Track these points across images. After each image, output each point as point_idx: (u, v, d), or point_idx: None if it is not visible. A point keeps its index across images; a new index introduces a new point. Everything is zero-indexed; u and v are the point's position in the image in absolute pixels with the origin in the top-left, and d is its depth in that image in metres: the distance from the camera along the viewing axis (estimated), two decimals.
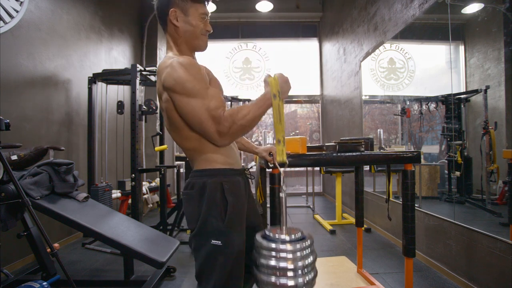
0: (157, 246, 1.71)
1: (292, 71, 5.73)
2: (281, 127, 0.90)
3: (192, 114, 0.86)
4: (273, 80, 0.91)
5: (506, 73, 1.74)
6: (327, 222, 3.43)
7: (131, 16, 4.48)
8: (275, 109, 0.89)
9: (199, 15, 0.97)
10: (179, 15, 0.95)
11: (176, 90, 0.87)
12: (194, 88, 0.86)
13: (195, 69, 0.89)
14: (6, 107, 2.19)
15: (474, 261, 1.80)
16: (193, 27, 0.97)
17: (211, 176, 0.93)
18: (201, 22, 0.98)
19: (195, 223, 0.92)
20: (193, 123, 0.88)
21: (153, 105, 3.20)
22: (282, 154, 0.91)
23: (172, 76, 0.86)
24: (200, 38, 1.00)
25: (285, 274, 0.80)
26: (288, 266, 0.80)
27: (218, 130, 0.86)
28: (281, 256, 0.81)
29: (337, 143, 1.60)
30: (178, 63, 0.87)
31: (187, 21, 0.96)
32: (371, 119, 3.68)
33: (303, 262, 0.82)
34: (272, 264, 0.81)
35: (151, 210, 4.21)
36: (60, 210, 1.65)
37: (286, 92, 0.93)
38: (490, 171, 1.92)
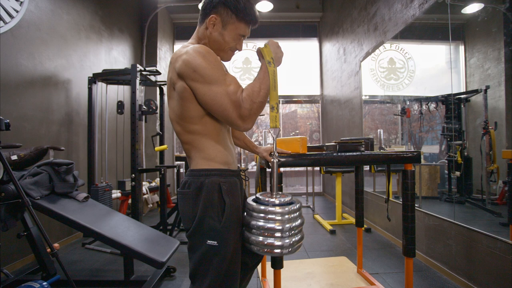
0: (157, 246, 1.71)
1: (292, 71, 5.73)
2: (275, 94, 0.91)
3: (214, 101, 0.86)
4: (265, 49, 0.93)
5: (506, 73, 1.74)
6: (327, 222, 3.43)
7: (131, 16, 4.48)
8: (270, 75, 0.91)
9: (237, 35, 0.97)
10: (217, 24, 0.95)
11: (196, 78, 0.86)
12: (213, 75, 0.86)
13: (213, 56, 0.89)
14: (6, 107, 2.19)
15: (474, 261, 1.80)
16: (225, 42, 0.97)
17: (208, 176, 0.92)
18: (234, 41, 0.98)
19: (191, 222, 0.92)
20: (216, 110, 0.88)
21: (153, 105, 3.20)
22: (276, 120, 0.94)
23: (190, 64, 0.85)
24: (226, 52, 1.00)
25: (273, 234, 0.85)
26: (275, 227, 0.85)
27: (241, 114, 0.86)
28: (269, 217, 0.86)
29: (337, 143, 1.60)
30: (196, 50, 0.86)
31: (221, 34, 0.96)
32: (371, 119, 3.68)
33: (290, 225, 0.87)
34: (261, 225, 0.86)
35: (151, 210, 4.21)
36: (60, 210, 1.65)
37: (280, 58, 0.96)
38: (490, 171, 1.92)
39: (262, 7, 5.26)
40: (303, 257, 2.47)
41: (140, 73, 2.65)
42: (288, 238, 0.86)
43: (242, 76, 5.68)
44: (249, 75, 5.70)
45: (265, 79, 0.90)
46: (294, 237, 0.87)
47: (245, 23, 0.97)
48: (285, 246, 0.85)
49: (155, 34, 4.87)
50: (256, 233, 0.87)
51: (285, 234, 0.85)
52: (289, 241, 0.86)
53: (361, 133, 3.58)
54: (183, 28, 5.76)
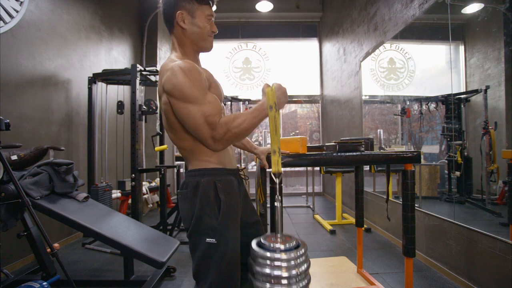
0: (157, 246, 1.71)
1: (292, 71, 5.74)
2: (277, 138, 0.90)
3: (188, 119, 0.88)
4: (270, 91, 0.90)
5: (506, 73, 1.74)
6: (327, 222, 3.43)
7: (131, 16, 4.48)
8: (271, 120, 0.90)
9: (205, 16, 0.99)
10: (186, 17, 0.96)
11: (174, 95, 0.88)
12: (192, 94, 0.87)
13: (195, 75, 0.89)
14: (6, 107, 2.19)
15: (474, 261, 1.80)
16: (200, 29, 0.98)
17: (204, 175, 0.94)
18: (207, 24, 0.99)
19: (190, 221, 0.93)
20: (189, 127, 0.90)
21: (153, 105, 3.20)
22: (278, 164, 0.92)
23: (171, 81, 0.87)
24: (207, 39, 1.01)
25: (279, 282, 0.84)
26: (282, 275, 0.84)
27: (213, 135, 0.88)
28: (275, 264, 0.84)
29: (337, 143, 1.60)
30: (179, 67, 0.88)
31: (194, 23, 0.97)
32: (371, 119, 3.68)
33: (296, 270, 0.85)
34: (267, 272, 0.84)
35: (151, 210, 4.21)
36: (60, 210, 1.65)
37: (283, 103, 0.94)
38: (490, 171, 1.92)
39: (262, 7, 5.27)
40: None
41: (140, 73, 2.65)
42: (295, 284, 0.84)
43: (242, 76, 5.68)
44: (249, 75, 5.70)
45: (254, 117, 0.89)
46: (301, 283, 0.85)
47: (206, 3, 0.99)
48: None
49: (155, 34, 4.87)
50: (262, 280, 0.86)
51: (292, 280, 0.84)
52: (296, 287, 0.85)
53: (361, 133, 3.58)
54: None
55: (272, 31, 5.76)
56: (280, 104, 0.92)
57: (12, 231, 1.66)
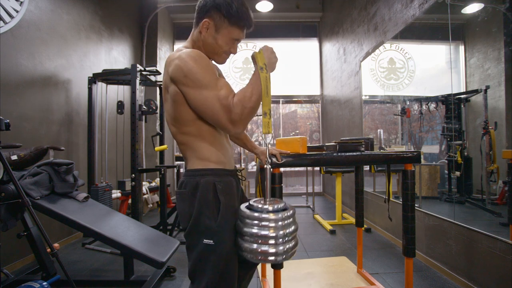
0: (157, 246, 1.71)
1: (292, 71, 5.74)
2: (268, 100, 0.90)
3: (204, 105, 0.87)
4: (258, 54, 0.92)
5: (506, 73, 1.74)
6: (327, 222, 3.43)
7: (131, 16, 4.48)
8: (262, 81, 0.90)
9: (230, 38, 0.97)
10: (210, 28, 0.95)
11: (187, 83, 0.87)
12: (204, 80, 0.86)
13: (205, 61, 0.89)
14: (6, 107, 2.19)
15: (474, 261, 1.80)
16: (218, 47, 0.97)
17: (203, 176, 0.94)
18: (227, 45, 0.98)
19: (188, 222, 0.93)
20: (206, 114, 0.89)
21: (153, 105, 3.20)
22: (268, 126, 0.93)
23: (181, 69, 0.86)
24: (220, 55, 1.01)
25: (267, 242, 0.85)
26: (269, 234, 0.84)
27: (231, 119, 0.86)
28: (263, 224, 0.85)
29: (337, 143, 1.60)
30: (188, 55, 0.87)
31: (214, 38, 0.96)
32: (371, 119, 3.68)
33: (283, 231, 0.86)
34: (254, 232, 0.85)
35: (151, 210, 4.21)
36: (60, 210, 1.65)
37: (274, 63, 0.95)
38: (490, 171, 1.92)
39: (262, 7, 5.27)
40: (303, 257, 2.47)
41: (140, 73, 2.65)
42: (282, 245, 0.85)
43: (242, 76, 5.68)
44: (249, 75, 5.70)
45: (257, 84, 0.89)
46: (288, 244, 0.86)
47: (238, 27, 0.97)
48: (279, 253, 0.84)
49: (155, 34, 4.87)
50: (250, 241, 0.86)
51: (279, 241, 0.84)
52: (283, 248, 0.85)
53: (361, 133, 3.58)
54: (183, 28, 5.76)
55: (272, 31, 5.76)
56: (271, 64, 0.94)
57: (12, 231, 1.66)
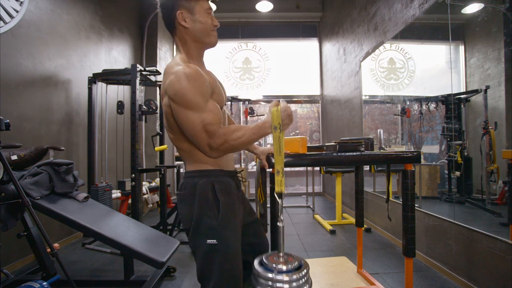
0: (157, 246, 1.71)
1: (292, 71, 5.74)
2: (281, 158, 0.90)
3: (187, 125, 0.88)
4: (275, 112, 0.91)
5: (506, 73, 1.74)
6: (327, 222, 3.43)
7: (131, 16, 4.48)
8: (275, 140, 0.91)
9: (205, 11, 0.98)
10: (186, 15, 0.96)
11: (176, 101, 0.88)
12: (193, 101, 0.87)
13: (198, 81, 0.89)
14: (6, 107, 2.19)
15: (474, 261, 1.80)
16: (203, 24, 0.98)
17: (201, 177, 0.95)
18: (208, 18, 0.99)
19: (189, 223, 0.93)
20: (187, 133, 0.90)
21: (153, 105, 3.19)
22: (281, 184, 0.92)
23: (174, 86, 0.87)
24: (210, 34, 1.01)
25: None
26: None
27: (209, 143, 0.88)
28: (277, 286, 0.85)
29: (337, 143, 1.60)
30: (183, 73, 0.87)
31: (196, 20, 0.97)
32: (371, 119, 3.68)
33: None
34: None
35: (151, 210, 4.21)
36: (60, 210, 1.65)
37: (287, 125, 0.94)
38: (490, 171, 1.92)
39: (262, 7, 5.27)
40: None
41: (140, 73, 2.65)
42: None
43: (242, 76, 5.68)
44: (249, 75, 5.70)
45: (255, 133, 0.90)
46: None
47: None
48: None
49: (155, 34, 4.87)
50: None
51: None
52: None
53: (361, 133, 3.58)
54: None
55: (272, 31, 5.76)
56: (284, 125, 0.92)
57: (12, 231, 1.66)
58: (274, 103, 0.94)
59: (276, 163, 0.92)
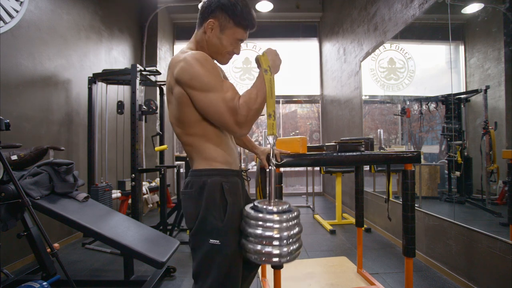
0: (157, 246, 1.71)
1: (292, 71, 5.73)
2: (273, 101, 0.91)
3: (210, 107, 0.87)
4: (262, 57, 0.94)
5: (506, 73, 1.74)
6: (327, 222, 3.43)
7: (131, 16, 4.48)
8: (267, 82, 0.92)
9: (235, 39, 0.98)
10: (215, 28, 0.95)
11: (193, 86, 0.87)
12: (210, 83, 0.86)
13: (210, 63, 0.89)
14: (6, 107, 2.19)
15: (474, 261, 1.80)
16: (222, 47, 0.98)
17: (210, 176, 0.93)
18: (231, 45, 0.99)
19: (194, 222, 0.93)
20: (212, 116, 0.89)
21: (153, 105, 3.19)
22: (273, 128, 0.93)
23: (188, 72, 0.86)
24: (224, 56, 1.01)
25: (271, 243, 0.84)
26: (273, 235, 0.84)
27: (237, 120, 0.87)
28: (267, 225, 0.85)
29: (337, 143, 1.60)
30: (193, 57, 0.87)
31: (219, 38, 0.97)
32: (371, 119, 3.68)
33: (288, 233, 0.85)
34: (259, 233, 0.85)
35: (151, 210, 4.21)
36: (60, 210, 1.65)
37: (278, 66, 0.97)
38: (490, 171, 1.92)
39: (262, 7, 5.27)
40: (303, 257, 2.47)
41: (140, 73, 2.65)
42: (286, 246, 0.85)
43: (242, 76, 5.68)
44: (249, 75, 5.70)
45: (262, 86, 0.90)
46: (292, 246, 0.86)
47: (243, 28, 0.98)
48: (283, 254, 0.84)
49: (155, 34, 4.87)
50: (254, 241, 0.86)
51: (283, 242, 0.84)
52: (287, 250, 0.85)
53: (361, 133, 3.58)
54: (183, 28, 5.76)
55: (272, 31, 5.75)
56: (276, 66, 0.95)
57: (12, 231, 1.66)
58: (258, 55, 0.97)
59: (267, 106, 0.92)
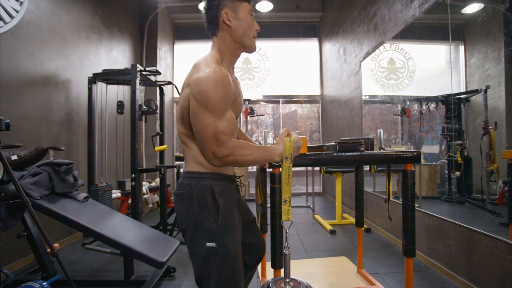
0: (157, 246, 1.71)
1: (292, 71, 5.74)
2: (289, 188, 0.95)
3: (199, 125, 0.87)
4: (288, 143, 0.95)
5: (506, 73, 1.74)
6: (327, 222, 3.43)
7: (131, 16, 4.48)
8: (284, 170, 0.95)
9: (248, 12, 0.99)
10: (230, 15, 0.96)
11: (198, 99, 0.87)
12: (214, 106, 0.86)
13: (226, 88, 0.88)
14: (6, 107, 2.19)
15: (474, 261, 1.80)
16: (246, 24, 0.99)
17: (200, 179, 0.94)
18: (251, 21, 1.00)
19: (185, 223, 0.93)
20: (197, 133, 0.89)
21: (153, 105, 3.20)
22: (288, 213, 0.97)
23: (201, 86, 0.86)
24: (251, 40, 1.01)
25: None
26: None
27: (215, 151, 0.88)
28: None
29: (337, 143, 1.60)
30: (213, 75, 0.86)
31: (239, 18, 0.97)
32: (371, 119, 3.68)
33: None
34: None
35: (151, 210, 4.21)
36: (60, 210, 1.65)
37: (297, 153, 1.00)
38: (490, 171, 1.92)
39: (262, 7, 5.27)
40: (303, 257, 2.47)
41: (140, 73, 2.65)
42: None
43: (242, 76, 5.68)
44: (249, 75, 5.70)
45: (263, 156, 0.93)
46: None
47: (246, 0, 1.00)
48: None
49: (155, 34, 4.87)
50: None
51: None
52: None
53: (361, 133, 3.58)
54: (183, 28, 5.76)
55: (272, 31, 5.75)
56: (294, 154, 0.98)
57: (12, 231, 1.66)
58: (285, 131, 0.98)
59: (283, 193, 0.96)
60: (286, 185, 0.94)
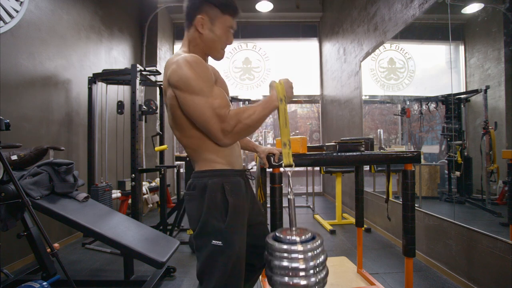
0: (157, 246, 1.71)
1: (292, 71, 5.73)
2: (287, 130, 0.92)
3: (196, 111, 0.86)
4: (279, 85, 0.94)
5: (506, 73, 1.74)
6: (327, 222, 3.43)
7: (131, 16, 4.48)
8: (281, 112, 0.93)
9: (225, 27, 0.98)
10: (205, 23, 0.96)
11: (180, 87, 0.86)
12: (198, 86, 0.85)
13: (201, 67, 0.88)
14: (6, 107, 2.19)
15: (474, 261, 1.80)
16: (217, 38, 0.98)
17: (211, 177, 0.93)
18: (225, 35, 0.99)
19: (196, 223, 0.92)
20: (197, 120, 0.88)
21: (153, 105, 3.20)
22: (289, 156, 0.94)
23: (177, 73, 0.86)
24: (219, 51, 1.01)
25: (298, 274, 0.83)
26: (300, 266, 0.83)
27: (223, 128, 0.86)
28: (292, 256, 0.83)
29: (337, 143, 1.60)
30: (185, 60, 0.87)
31: (212, 31, 0.97)
32: (371, 119, 3.68)
33: (314, 262, 0.84)
34: (285, 265, 0.83)
35: (151, 210, 4.21)
36: (60, 210, 1.65)
37: (290, 97, 0.97)
38: (490, 171, 1.92)
39: (262, 7, 5.27)
40: None
41: (140, 73, 2.65)
42: (313, 276, 0.84)
43: (242, 76, 5.68)
44: (249, 75, 5.70)
45: (265, 107, 0.91)
46: (319, 275, 0.85)
47: (230, 15, 0.98)
48: (310, 285, 0.83)
49: (155, 34, 4.87)
50: (280, 274, 0.84)
51: (309, 272, 0.83)
52: (315, 279, 0.83)
53: (361, 133, 3.58)
54: (183, 28, 5.68)
55: (272, 31, 5.75)
56: (288, 98, 0.95)
57: (12, 231, 1.66)
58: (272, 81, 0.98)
59: (282, 135, 0.93)
60: (284, 128, 0.91)
